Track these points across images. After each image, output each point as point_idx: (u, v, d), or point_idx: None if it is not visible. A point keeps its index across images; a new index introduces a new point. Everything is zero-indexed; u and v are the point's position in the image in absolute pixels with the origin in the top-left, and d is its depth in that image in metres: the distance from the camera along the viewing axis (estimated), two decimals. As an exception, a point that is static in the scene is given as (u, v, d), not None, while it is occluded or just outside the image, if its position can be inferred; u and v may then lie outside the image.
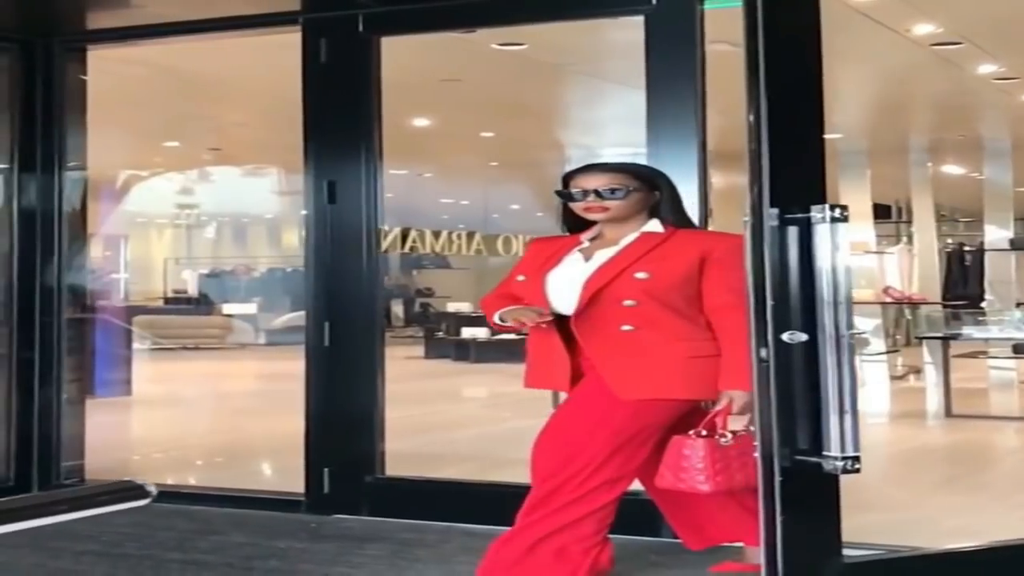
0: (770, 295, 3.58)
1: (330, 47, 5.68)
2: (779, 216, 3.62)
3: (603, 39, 7.04)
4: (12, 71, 6.21)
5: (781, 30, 3.70)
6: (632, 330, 4.04)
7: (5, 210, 6.30)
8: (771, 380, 3.57)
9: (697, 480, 3.96)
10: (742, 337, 3.88)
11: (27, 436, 6.23)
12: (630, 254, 4.12)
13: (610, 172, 4.20)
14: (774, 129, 3.63)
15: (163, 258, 23.74)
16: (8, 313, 6.27)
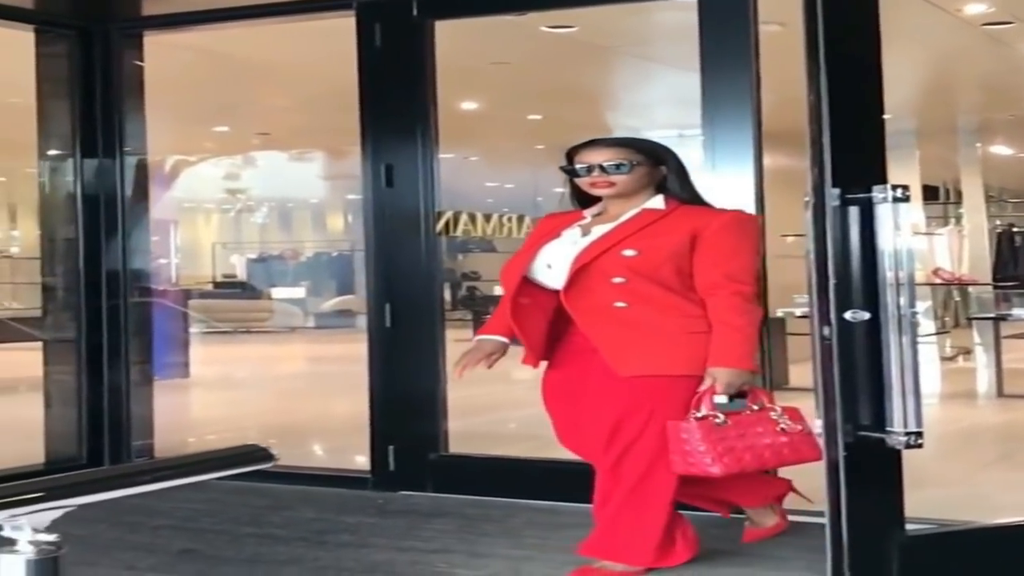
0: (832, 274, 3.61)
1: (384, 31, 5.74)
2: (840, 196, 3.65)
3: (653, 20, 7.04)
4: (72, 58, 6.33)
5: (840, 11, 3.73)
6: (625, 307, 4.05)
7: (70, 196, 6.43)
8: (834, 357, 3.61)
9: (705, 463, 3.95)
10: (728, 316, 4.00)
11: (97, 416, 6.37)
12: (622, 231, 4.12)
13: (614, 147, 4.22)
14: (834, 110, 3.66)
15: (211, 243, 23.93)
16: (76, 297, 6.40)
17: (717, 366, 3.98)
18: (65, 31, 6.32)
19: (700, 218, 4.13)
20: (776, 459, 4.09)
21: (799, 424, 4.12)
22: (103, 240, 6.39)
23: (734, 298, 4.02)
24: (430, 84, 5.74)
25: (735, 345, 4.00)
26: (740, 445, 3.98)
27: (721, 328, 4.00)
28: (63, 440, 6.43)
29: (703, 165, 5.19)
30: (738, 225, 4.17)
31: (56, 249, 6.62)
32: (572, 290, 4.08)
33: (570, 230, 4.23)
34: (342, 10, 5.80)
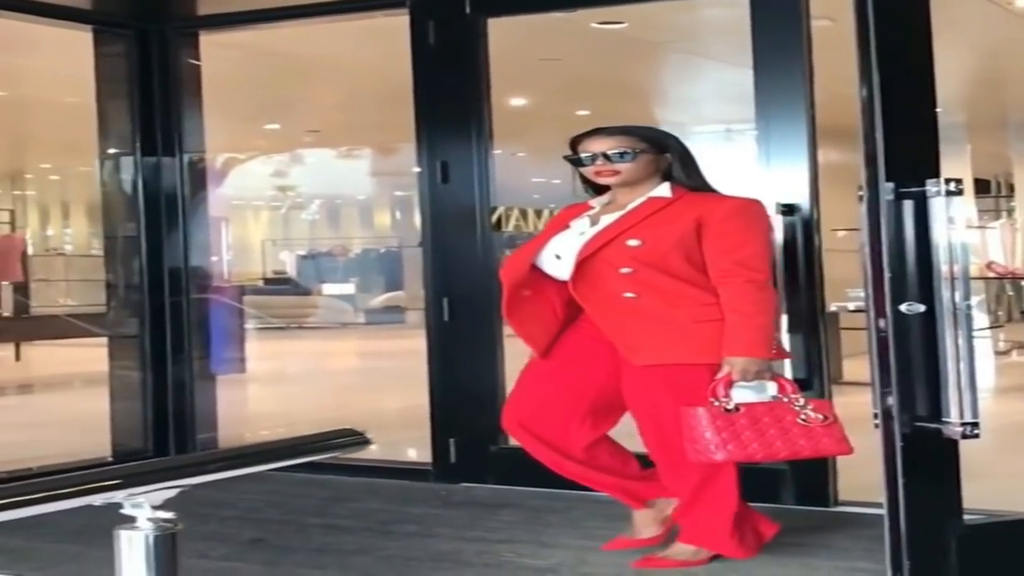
0: (887, 267, 3.64)
1: (438, 29, 5.79)
2: (894, 190, 3.67)
3: (702, 16, 7.10)
4: (130, 57, 6.44)
5: (891, 5, 3.75)
6: (634, 297, 4.04)
7: (130, 194, 6.55)
8: (890, 349, 3.64)
9: (709, 449, 3.94)
10: (740, 304, 3.98)
11: (162, 410, 6.50)
12: (627, 220, 4.10)
13: (617, 135, 4.17)
14: (886, 104, 3.67)
15: (260, 239, 24.15)
16: (139, 294, 6.53)
17: (731, 355, 3.97)
18: (123, 31, 6.44)
19: (705, 205, 4.10)
20: (790, 450, 4.01)
21: (826, 417, 4.05)
22: (164, 237, 6.50)
23: (747, 286, 3.99)
24: (484, 81, 5.79)
25: (747, 332, 3.97)
26: (749, 433, 3.95)
27: (733, 316, 3.97)
28: (129, 433, 6.56)
29: (757, 160, 5.24)
30: (744, 211, 4.14)
31: (118, 247, 6.75)
32: (581, 281, 4.08)
33: (579, 220, 4.22)
34: (396, 8, 5.87)
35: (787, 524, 4.68)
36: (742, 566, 4.20)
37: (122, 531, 1.56)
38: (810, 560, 4.30)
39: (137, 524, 1.55)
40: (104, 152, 6.70)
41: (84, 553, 4.48)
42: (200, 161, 6.67)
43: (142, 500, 1.50)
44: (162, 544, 1.53)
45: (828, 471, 5.11)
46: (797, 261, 5.11)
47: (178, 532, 1.58)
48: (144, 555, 1.53)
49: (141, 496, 1.50)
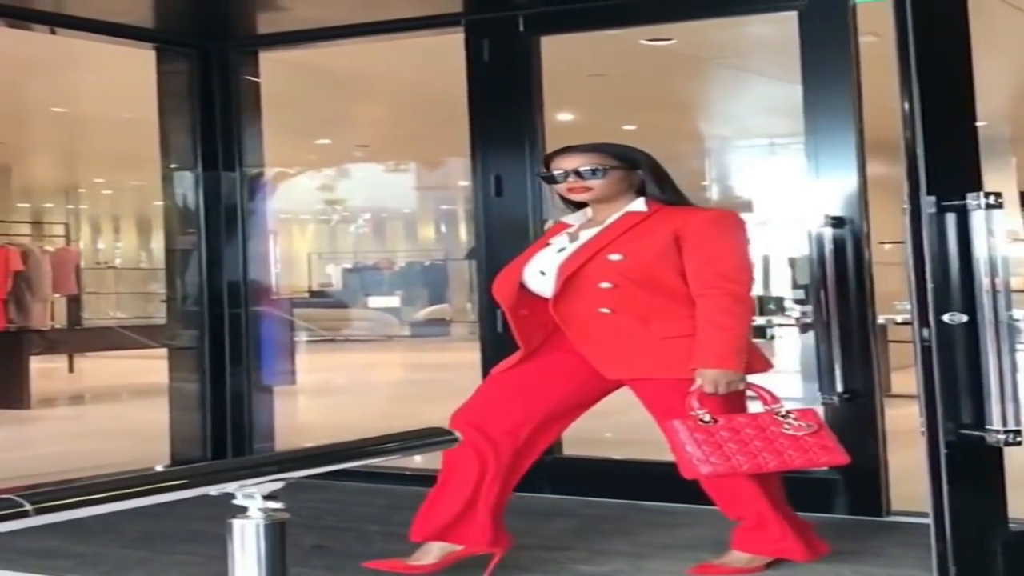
0: (930, 278, 3.71)
1: (492, 47, 5.90)
2: (936, 203, 3.74)
3: (749, 32, 7.18)
4: (191, 75, 6.58)
5: (930, 20, 3.82)
6: (609, 313, 4.08)
7: (191, 208, 6.69)
8: (934, 358, 3.71)
9: (693, 463, 3.94)
10: (716, 316, 3.99)
11: (220, 420, 6.61)
12: (607, 235, 4.13)
13: (587, 152, 4.20)
14: (927, 118, 3.75)
15: (306, 253, 24.35)
16: (199, 306, 6.67)
17: (701, 366, 3.99)
18: (185, 50, 6.58)
19: (681, 217, 4.13)
20: (779, 461, 4.00)
21: (813, 426, 4.07)
22: (224, 250, 6.63)
23: (725, 299, 4.01)
24: (536, 97, 5.91)
25: (719, 344, 3.99)
26: (732, 445, 3.95)
27: (707, 328, 3.99)
28: (188, 443, 6.69)
29: (806, 173, 5.34)
30: (721, 222, 4.18)
31: (179, 260, 6.89)
32: (562, 297, 4.11)
33: (558, 237, 4.28)
34: (451, 27, 5.98)
35: (839, 533, 4.79)
36: (796, 572, 4.28)
37: (235, 520, 1.69)
38: (862, 567, 4.37)
39: (249, 513, 1.68)
40: (166, 167, 6.87)
41: (150, 559, 4.61)
42: (258, 176, 6.80)
43: (253, 491, 1.64)
44: (272, 531, 1.66)
45: (880, 481, 5.18)
46: (847, 273, 5.21)
47: (286, 521, 1.71)
48: (255, 542, 1.67)
49: (253, 487, 1.63)
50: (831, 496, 5.24)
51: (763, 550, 4.28)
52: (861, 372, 5.21)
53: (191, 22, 6.54)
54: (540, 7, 5.85)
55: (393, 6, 6.03)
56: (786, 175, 12.36)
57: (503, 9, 5.85)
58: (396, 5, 6.02)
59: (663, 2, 5.71)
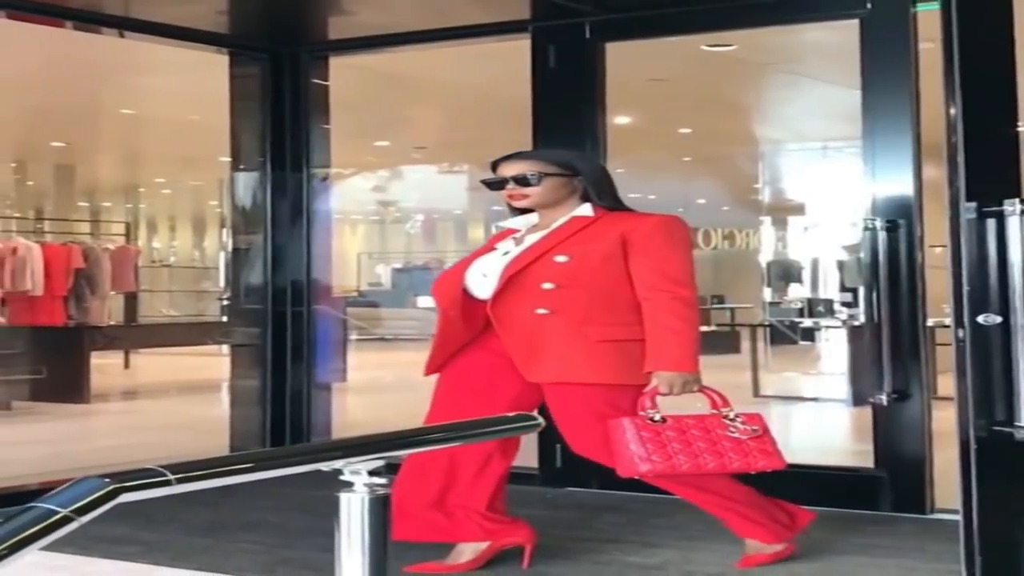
0: (966, 281, 3.81)
1: (558, 53, 6.02)
2: (977, 209, 3.82)
3: (807, 39, 7.27)
4: (263, 79, 6.74)
5: (975, 27, 3.90)
6: (546, 314, 4.10)
7: (258, 207, 6.83)
8: (967, 357, 3.82)
9: (634, 461, 3.99)
10: (666, 319, 4.03)
11: (280, 416, 6.73)
12: (553, 238, 4.17)
13: (526, 160, 4.29)
14: (969, 125, 3.83)
15: (356, 253, 24.52)
16: (263, 304, 6.80)
17: (658, 369, 4.03)
18: (258, 55, 6.74)
19: (627, 222, 4.17)
20: (718, 463, 4.07)
21: (757, 430, 4.12)
22: (288, 249, 6.77)
23: (674, 303, 4.06)
24: (600, 102, 6.03)
25: (675, 347, 4.04)
26: (676, 445, 4.00)
27: (660, 331, 4.04)
28: (247, 437, 6.81)
29: (863, 176, 5.43)
30: (667, 227, 4.21)
31: (243, 258, 7.04)
32: (500, 298, 4.14)
33: (504, 242, 4.32)
34: (518, 33, 6.11)
35: (884, 530, 4.93)
36: (841, 566, 4.41)
37: (342, 494, 1.83)
38: (907, 562, 4.50)
39: (355, 488, 1.82)
40: (235, 167, 7.02)
41: (213, 546, 4.75)
42: (324, 177, 6.93)
43: (360, 467, 1.77)
44: (376, 504, 1.80)
45: (925, 480, 5.29)
46: (900, 276, 5.30)
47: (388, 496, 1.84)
48: (360, 514, 1.80)
49: (359, 464, 1.76)
50: (876, 494, 5.36)
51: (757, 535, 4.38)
52: (910, 373, 5.31)
53: (265, 28, 6.69)
54: (606, 15, 5.96)
55: (462, 13, 6.15)
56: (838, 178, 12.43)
57: (570, 16, 5.96)
58: (465, 12, 6.14)
59: (727, 10, 5.80)
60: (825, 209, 13.58)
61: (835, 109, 9.53)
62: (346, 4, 6.43)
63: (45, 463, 7.05)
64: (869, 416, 5.60)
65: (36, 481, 6.08)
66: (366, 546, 1.82)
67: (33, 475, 6.30)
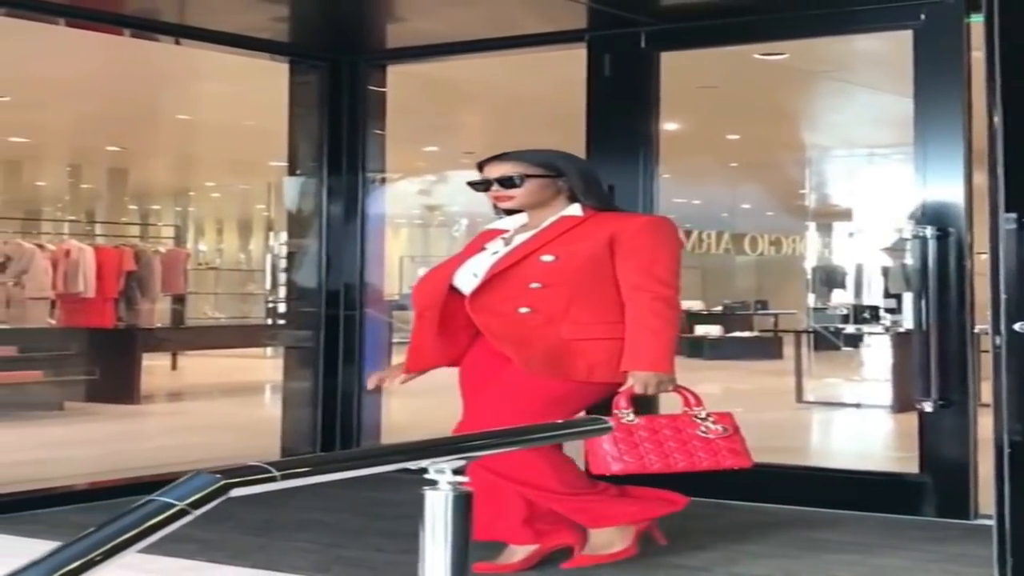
0: (1003, 289, 3.87)
1: (613, 62, 6.07)
2: (1016, 220, 3.87)
3: (859, 47, 7.29)
4: (322, 86, 6.83)
5: (1017, 38, 3.92)
6: (528, 312, 4.11)
7: (315, 212, 6.92)
8: (1003, 363, 3.87)
9: (606, 461, 4.01)
10: (646, 319, 4.04)
11: (331, 418, 6.81)
12: (541, 238, 4.18)
13: (509, 161, 4.28)
14: (1010, 136, 3.88)
15: (399, 256, 24.61)
16: (317, 307, 6.87)
17: (634, 368, 4.04)
18: (317, 62, 6.83)
19: (616, 222, 4.19)
20: (688, 462, 4.09)
21: (727, 429, 4.15)
22: (342, 253, 6.84)
23: (656, 303, 4.07)
24: (653, 110, 6.09)
25: (652, 347, 4.05)
26: (648, 445, 4.02)
27: (638, 331, 4.05)
28: (298, 438, 6.89)
29: (914, 183, 5.48)
30: (655, 228, 4.24)
31: (297, 261, 7.13)
32: (485, 295, 4.14)
33: (493, 242, 4.32)
34: (575, 42, 6.17)
35: (928, 535, 4.99)
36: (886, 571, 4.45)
37: (427, 491, 1.93)
38: (951, 567, 4.54)
39: (439, 486, 1.91)
40: (292, 171, 7.11)
41: (269, 544, 4.83)
42: (380, 180, 7.02)
43: (444, 466, 1.86)
44: (459, 502, 1.89)
45: (969, 485, 5.32)
46: (948, 282, 5.34)
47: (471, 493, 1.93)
48: (443, 510, 1.90)
49: (443, 463, 1.86)
50: (920, 499, 5.40)
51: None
52: (957, 380, 5.34)
53: (326, 37, 6.78)
54: (662, 24, 6.01)
55: (519, 23, 6.21)
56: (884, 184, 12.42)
57: (626, 26, 6.01)
58: (522, 22, 6.20)
59: (783, 20, 5.85)
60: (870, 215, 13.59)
61: (883, 116, 9.57)
62: (405, 14, 6.50)
63: (98, 463, 7.18)
64: (912, 422, 5.64)
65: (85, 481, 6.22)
66: (449, 542, 1.91)
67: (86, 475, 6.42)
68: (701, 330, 17.27)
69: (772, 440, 8.67)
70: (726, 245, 18.40)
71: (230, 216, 23.13)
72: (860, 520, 5.32)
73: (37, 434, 8.99)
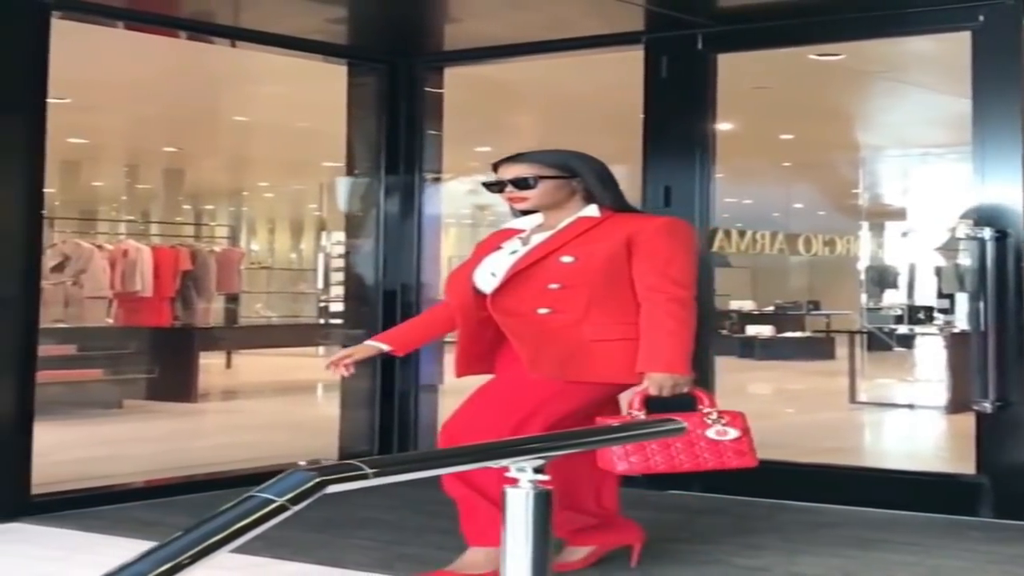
0: None
1: (671, 63, 6.10)
2: None
3: (915, 48, 7.28)
4: (380, 87, 6.90)
5: None
6: (548, 313, 4.08)
7: (372, 212, 6.98)
8: None
9: (612, 460, 3.98)
10: (663, 320, 4.01)
11: (388, 417, 6.87)
12: (560, 238, 4.15)
13: (523, 162, 4.23)
14: None
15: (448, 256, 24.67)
16: (373, 306, 6.93)
17: (650, 370, 4.02)
18: (376, 65, 6.90)
19: (634, 223, 4.17)
20: (692, 463, 4.07)
21: (737, 430, 4.10)
22: (399, 252, 6.90)
23: (671, 304, 4.04)
24: (710, 111, 6.12)
25: (668, 349, 4.03)
26: (655, 446, 3.97)
27: (654, 332, 4.03)
28: (356, 438, 6.96)
29: (971, 183, 5.48)
30: (672, 229, 4.21)
31: (354, 260, 7.21)
32: (504, 296, 4.11)
33: (510, 242, 4.28)
34: (632, 44, 6.20)
35: (986, 536, 5.01)
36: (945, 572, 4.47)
37: (508, 489, 1.98)
38: (1011, 568, 4.56)
39: (520, 485, 1.96)
40: (349, 172, 7.18)
41: (330, 542, 4.90)
42: (434, 181, 7.07)
43: (526, 465, 1.91)
44: (539, 499, 1.94)
45: (1029, 485, 5.33)
46: (1007, 283, 5.35)
47: (551, 491, 1.98)
48: (525, 508, 1.95)
49: (524, 462, 1.91)
50: (977, 500, 5.41)
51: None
52: (1015, 380, 5.34)
53: (383, 40, 6.85)
54: (719, 27, 6.04)
55: (576, 25, 6.23)
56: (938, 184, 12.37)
57: (683, 28, 6.04)
58: (579, 24, 6.22)
59: (840, 22, 5.86)
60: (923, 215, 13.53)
61: (938, 116, 9.55)
62: (463, 16, 6.56)
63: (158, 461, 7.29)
64: (967, 423, 5.64)
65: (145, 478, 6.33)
66: (530, 539, 1.96)
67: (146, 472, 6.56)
68: (752, 330, 17.23)
69: (827, 441, 8.69)
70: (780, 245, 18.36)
71: (282, 216, 23.31)
72: (916, 521, 5.34)
73: (97, 432, 9.09)
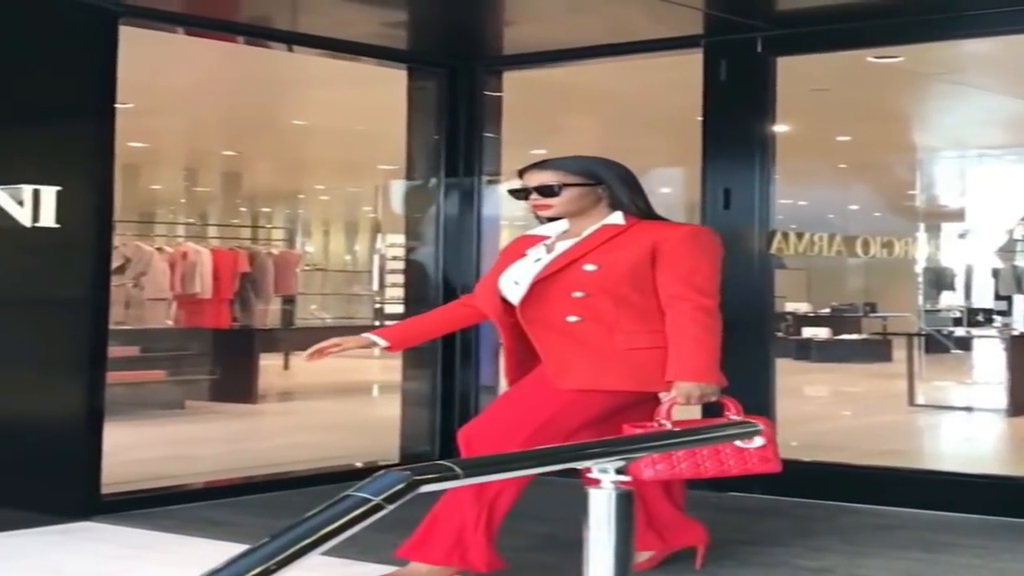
0: None
1: (730, 67, 6.13)
2: None
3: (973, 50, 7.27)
4: (440, 91, 6.98)
5: None
6: (577, 321, 4.08)
7: (432, 214, 7.06)
8: None
9: (639, 467, 3.93)
10: (690, 328, 4.01)
11: (449, 418, 6.90)
12: (583, 246, 4.13)
13: (548, 169, 4.21)
14: None
15: (493, 258, 24.66)
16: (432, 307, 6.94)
17: (678, 379, 4.02)
18: (437, 69, 6.98)
19: (659, 231, 4.15)
20: (717, 469, 4.07)
21: (763, 438, 4.06)
22: (460, 256, 6.98)
23: (696, 312, 4.04)
24: (769, 114, 6.14)
25: (695, 357, 4.03)
26: (681, 454, 3.98)
27: (681, 340, 4.03)
28: (417, 439, 7.03)
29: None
30: (696, 238, 4.21)
31: (414, 263, 7.28)
32: (530, 304, 4.11)
33: (534, 248, 4.26)
34: (691, 48, 6.23)
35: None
36: (1016, 573, 4.51)
37: (591, 490, 2.03)
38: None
39: (602, 485, 2.01)
40: (409, 175, 7.26)
41: (398, 541, 4.97)
42: (493, 183, 7.13)
43: (608, 466, 1.96)
44: (621, 499, 1.99)
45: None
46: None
47: (632, 492, 2.03)
48: (606, 507, 2.00)
49: (607, 463, 1.95)
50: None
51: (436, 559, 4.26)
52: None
53: (444, 45, 6.92)
54: (778, 30, 6.05)
55: (636, 29, 6.28)
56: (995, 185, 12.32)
57: (743, 32, 6.06)
58: (639, 28, 6.26)
59: (899, 25, 5.88)
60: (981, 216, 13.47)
61: (996, 117, 9.50)
62: (522, 20, 6.59)
63: (221, 461, 7.42)
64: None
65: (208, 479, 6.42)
66: (613, 539, 2.01)
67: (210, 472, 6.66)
68: (808, 332, 17.18)
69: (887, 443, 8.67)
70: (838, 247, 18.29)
71: (337, 218, 23.43)
72: (979, 524, 5.35)
73: (160, 432, 9.20)
